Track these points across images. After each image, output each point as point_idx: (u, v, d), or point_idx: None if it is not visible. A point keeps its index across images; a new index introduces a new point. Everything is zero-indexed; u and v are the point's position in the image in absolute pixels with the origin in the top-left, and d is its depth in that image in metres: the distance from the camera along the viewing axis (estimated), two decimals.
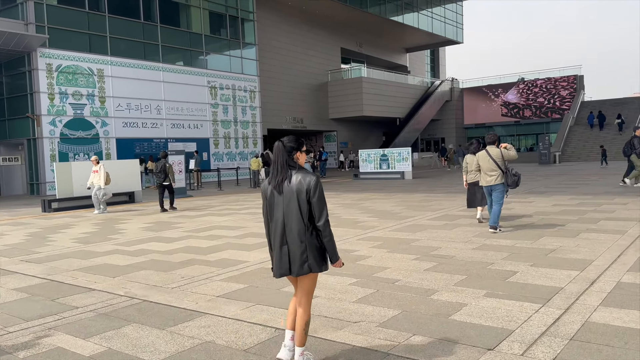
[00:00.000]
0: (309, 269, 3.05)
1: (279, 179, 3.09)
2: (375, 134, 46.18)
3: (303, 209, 3.02)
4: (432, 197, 13.81)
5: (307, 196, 3.02)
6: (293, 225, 3.04)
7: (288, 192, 3.06)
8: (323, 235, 3.05)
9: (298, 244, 3.04)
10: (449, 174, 25.58)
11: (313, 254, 3.05)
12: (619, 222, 8.31)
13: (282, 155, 3.10)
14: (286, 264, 3.08)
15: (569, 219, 8.81)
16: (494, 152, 7.94)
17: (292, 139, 3.17)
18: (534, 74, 45.94)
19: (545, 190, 14.50)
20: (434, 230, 8.31)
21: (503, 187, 7.93)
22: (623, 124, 35.65)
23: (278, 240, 3.10)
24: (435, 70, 57.38)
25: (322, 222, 3.03)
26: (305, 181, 3.03)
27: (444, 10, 47.41)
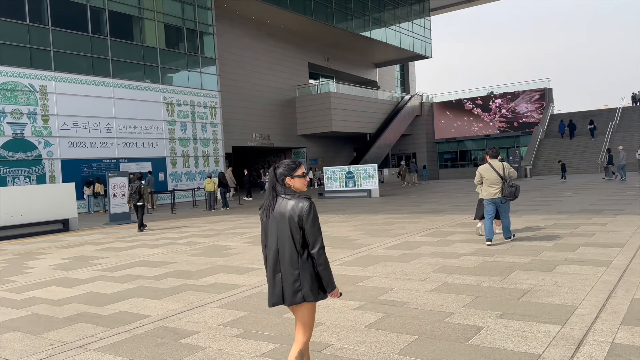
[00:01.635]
0: (303, 298, 2.95)
1: (265, 204, 3.06)
2: (346, 150, 45.26)
3: (295, 235, 2.93)
4: (395, 219, 12.64)
5: (299, 222, 2.92)
6: (286, 252, 2.96)
7: (280, 218, 2.98)
8: (317, 263, 2.93)
9: (291, 272, 2.94)
10: (418, 191, 24.57)
11: (308, 283, 2.94)
12: (600, 249, 7.23)
13: (271, 181, 3.06)
14: (279, 292, 2.98)
15: (543, 246, 7.69)
16: (497, 165, 8.09)
17: (283, 164, 3.09)
18: (503, 87, 45.88)
19: (516, 208, 13.48)
20: (389, 263, 7.08)
21: (504, 199, 8.06)
22: (595, 130, 35.92)
23: (271, 268, 3.02)
24: (405, 85, 57.05)
25: (317, 250, 2.92)
26: (298, 207, 2.94)
27: (412, 25, 47.13)
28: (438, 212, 13.63)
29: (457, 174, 45.54)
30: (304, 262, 2.94)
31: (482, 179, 8.23)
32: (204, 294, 5.96)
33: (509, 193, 7.95)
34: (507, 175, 8.01)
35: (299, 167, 3.09)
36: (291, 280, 2.94)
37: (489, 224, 8.14)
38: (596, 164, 32.14)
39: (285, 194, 3.01)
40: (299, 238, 2.93)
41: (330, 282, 2.98)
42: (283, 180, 3.03)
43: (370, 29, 42.16)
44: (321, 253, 2.92)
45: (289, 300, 2.96)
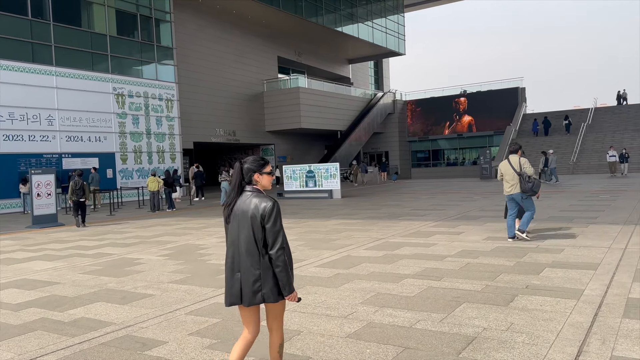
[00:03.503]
0: (262, 298, 2.88)
1: (230, 201, 2.98)
2: (316, 148, 43.94)
3: (257, 235, 2.88)
4: (347, 225, 11.30)
5: (262, 221, 2.87)
6: (246, 251, 2.89)
7: (242, 216, 2.92)
8: (275, 264, 2.86)
9: (251, 272, 2.88)
10: (383, 191, 23.36)
11: (269, 284, 2.88)
12: (569, 271, 5.99)
13: (236, 177, 2.98)
14: (237, 292, 2.93)
15: (502, 266, 6.43)
16: (514, 161, 8.01)
17: (252, 159, 3.02)
18: (476, 86, 45.14)
19: (480, 214, 12.30)
20: (314, 289, 5.72)
21: (523, 195, 7.96)
22: (570, 125, 35.75)
23: (230, 266, 2.97)
24: (379, 82, 55.95)
25: (275, 250, 2.85)
26: (261, 206, 2.88)
27: (385, 21, 45.98)
28: (395, 218, 12.35)
29: (430, 173, 44.65)
30: (265, 262, 2.87)
31: (502, 175, 8.20)
32: (54, 336, 4.50)
33: (525, 188, 7.88)
34: (523, 171, 7.90)
35: (268, 164, 3.02)
36: (251, 280, 2.87)
37: (511, 221, 8.19)
38: (568, 164, 31.47)
39: (250, 191, 2.94)
40: (261, 238, 2.87)
41: (288, 285, 2.89)
42: (250, 176, 2.97)
43: (342, 24, 40.85)
44: (280, 254, 2.85)
45: (248, 300, 2.90)
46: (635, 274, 5.63)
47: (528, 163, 8.04)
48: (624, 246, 7.26)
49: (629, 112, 37.15)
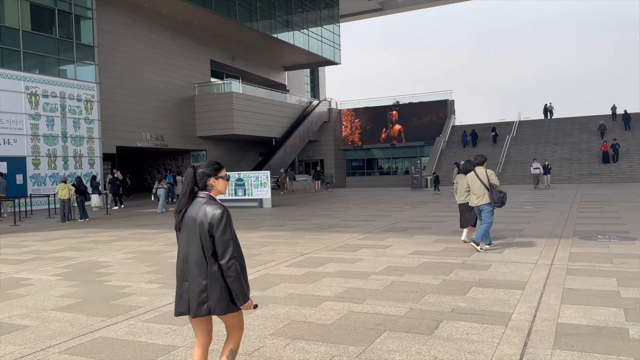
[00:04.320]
0: (208, 310, 2.78)
1: (180, 208, 2.87)
2: (251, 154, 43.02)
3: (205, 243, 2.77)
4: (272, 238, 10.67)
5: (210, 230, 2.76)
6: (194, 260, 2.79)
7: (191, 224, 2.82)
8: (227, 275, 2.75)
9: (198, 282, 2.78)
10: (316, 200, 22.93)
11: (217, 295, 2.77)
12: (496, 291, 5.67)
13: (189, 182, 2.87)
14: (185, 302, 2.83)
15: (427, 285, 6.04)
16: (481, 173, 8.16)
17: (206, 163, 2.91)
18: (409, 97, 46.06)
19: (408, 225, 12.06)
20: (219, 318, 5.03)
21: (490, 206, 8.14)
22: (497, 137, 37.27)
23: (179, 275, 2.88)
24: (315, 91, 55.88)
25: (226, 260, 2.75)
26: (210, 213, 2.77)
27: (321, 30, 45.94)
28: (324, 229, 11.86)
29: (364, 182, 44.91)
30: (213, 273, 2.77)
31: (468, 187, 8.35)
32: None
33: (497, 199, 8.03)
34: (492, 183, 8.08)
35: (223, 168, 2.93)
36: (197, 290, 2.77)
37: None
38: None
39: (202, 198, 2.84)
40: (209, 247, 2.77)
41: (242, 294, 2.79)
42: (205, 181, 2.87)
43: (278, 30, 40.31)
44: (231, 264, 2.75)
45: (194, 311, 2.80)
46: (563, 294, 5.39)
47: (494, 175, 8.24)
48: (550, 262, 7.11)
49: (550, 125, 39.08)
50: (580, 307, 4.87)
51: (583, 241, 8.77)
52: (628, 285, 5.61)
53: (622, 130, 35.50)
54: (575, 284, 5.77)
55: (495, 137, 37.50)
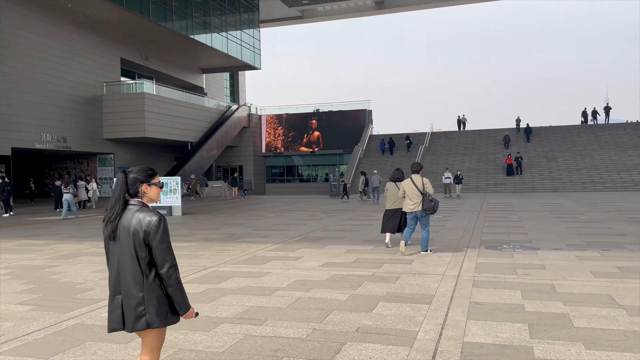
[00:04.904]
0: (147, 324, 2.63)
1: (111, 215, 2.71)
2: (164, 159, 41.16)
3: (140, 253, 2.63)
4: (176, 250, 9.84)
5: (145, 238, 2.62)
6: (128, 272, 2.65)
7: (124, 233, 2.67)
8: (167, 284, 2.64)
9: (134, 295, 2.63)
10: (231, 208, 22.16)
11: (155, 307, 2.62)
12: (403, 306, 5.43)
13: (120, 188, 2.71)
14: (119, 317, 2.67)
15: (334, 301, 5.69)
16: (418, 180, 8.53)
17: (139, 169, 2.78)
18: (328, 105, 46.44)
19: (322, 235, 11.77)
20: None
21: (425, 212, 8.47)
22: (411, 144, 38.99)
23: (112, 289, 2.72)
24: (235, 95, 54.80)
25: (166, 270, 2.63)
26: (145, 221, 2.64)
27: (241, 34, 45.09)
28: (234, 240, 11.26)
29: (284, 189, 44.50)
30: (150, 284, 2.64)
31: (404, 193, 8.62)
32: None
33: (428, 207, 8.39)
34: (425, 191, 8.41)
35: (156, 175, 2.81)
36: (134, 303, 2.63)
37: (408, 233, 8.70)
38: None
39: (134, 205, 2.70)
40: (145, 256, 2.64)
41: (184, 302, 2.70)
42: (137, 187, 2.73)
43: (195, 32, 38.97)
44: (172, 273, 2.64)
45: (130, 326, 2.66)
46: (469, 308, 5.25)
47: (429, 183, 8.60)
48: (457, 273, 7.04)
49: (459, 137, 40.95)
50: (486, 324, 4.72)
51: (489, 251, 8.90)
52: (532, 298, 5.59)
53: (525, 142, 37.95)
54: (481, 297, 5.68)
55: (409, 145, 39.08)
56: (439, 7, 49.31)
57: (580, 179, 31.52)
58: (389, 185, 9.52)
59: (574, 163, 33.52)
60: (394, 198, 9.22)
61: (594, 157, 33.76)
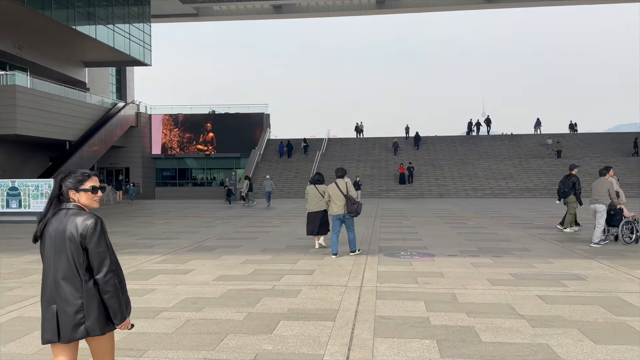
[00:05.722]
0: (86, 332, 2.53)
1: (44, 219, 2.62)
2: (38, 159, 37.33)
3: (77, 258, 2.54)
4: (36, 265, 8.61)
5: (82, 242, 2.54)
6: (64, 278, 2.53)
7: (58, 237, 2.57)
8: (103, 290, 2.53)
9: (72, 302, 2.51)
10: (114, 214, 20.39)
11: (95, 314, 2.53)
12: (307, 324, 4.97)
13: (53, 191, 2.65)
14: (53, 327, 2.54)
15: (229, 322, 5.07)
16: (341, 184, 8.77)
17: (69, 174, 2.66)
18: (225, 107, 45.22)
19: (217, 243, 11.02)
20: None
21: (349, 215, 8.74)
22: (308, 147, 39.86)
23: (46, 298, 2.57)
24: (122, 92, 51.33)
25: (102, 275, 2.53)
26: (81, 225, 2.55)
27: (129, 27, 42.31)
28: (115, 250, 10.10)
29: (175, 193, 42.43)
30: (88, 290, 2.54)
31: (329, 197, 8.91)
32: None
33: (352, 210, 8.70)
34: (348, 194, 8.69)
35: (89, 179, 2.68)
36: (71, 311, 2.51)
37: (335, 239, 8.89)
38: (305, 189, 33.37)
39: (69, 209, 2.62)
40: (82, 261, 2.54)
41: (120, 311, 2.59)
42: (67, 192, 2.65)
43: (77, 22, 35.78)
44: (108, 278, 2.55)
45: (68, 336, 2.53)
46: (375, 324, 4.92)
47: (353, 187, 8.94)
48: (360, 283, 6.76)
49: (354, 143, 41.92)
50: (393, 341, 4.41)
51: (388, 258, 8.79)
52: (435, 309, 5.42)
53: (413, 149, 39.81)
54: (385, 310, 5.40)
55: (306, 148, 39.72)
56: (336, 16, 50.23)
57: (463, 186, 33.64)
58: (309, 188, 9.80)
59: (457, 171, 35.71)
60: (315, 200, 9.55)
61: (475, 165, 36.24)
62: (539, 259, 8.53)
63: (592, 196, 10.11)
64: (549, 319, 5.02)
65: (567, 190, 12.27)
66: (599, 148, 37.85)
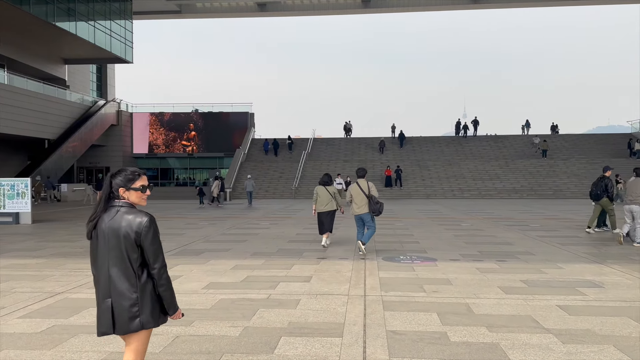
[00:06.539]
0: (141, 325, 2.66)
1: (95, 215, 2.71)
2: (16, 158, 36.23)
3: (132, 254, 2.64)
4: (16, 269, 7.91)
5: (137, 239, 2.64)
6: (120, 274, 2.64)
7: (112, 235, 2.65)
8: (159, 283, 2.68)
9: (127, 296, 2.63)
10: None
11: (149, 307, 2.66)
12: (312, 341, 4.44)
13: (105, 189, 2.75)
14: (109, 320, 2.65)
15: (224, 338, 4.51)
16: (363, 184, 8.96)
17: (122, 172, 2.76)
18: (208, 106, 44.41)
19: (204, 246, 10.41)
20: None
21: (370, 214, 8.94)
22: (292, 144, 39.72)
23: (102, 292, 2.68)
24: (103, 90, 50.15)
25: (157, 270, 2.67)
26: (135, 222, 2.65)
27: (110, 24, 41.23)
28: None
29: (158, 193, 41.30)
30: (143, 285, 2.66)
31: (351, 197, 9.01)
32: None
33: (374, 209, 8.81)
34: (371, 194, 8.79)
35: (139, 178, 2.77)
36: (127, 305, 2.63)
37: (360, 234, 9.15)
38: (291, 189, 32.78)
39: (121, 206, 2.70)
40: (136, 257, 2.65)
41: (173, 303, 2.75)
42: (118, 191, 2.73)
43: (56, 17, 34.68)
44: (163, 272, 2.68)
45: (124, 328, 2.65)
46: (388, 340, 4.41)
47: (375, 187, 9.00)
48: (363, 292, 6.25)
49: (340, 143, 41.42)
50: None
51: (388, 263, 8.30)
52: (451, 322, 4.93)
53: (398, 147, 39.53)
54: (397, 324, 4.89)
55: (290, 145, 39.51)
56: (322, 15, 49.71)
57: (450, 186, 33.39)
58: (318, 189, 10.05)
59: (443, 171, 35.47)
60: (326, 201, 9.90)
61: (461, 166, 36.05)
62: (546, 263, 8.12)
63: (626, 196, 10.03)
64: (578, 333, 4.57)
65: (600, 192, 12.09)
66: (583, 149, 38.00)
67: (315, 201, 10.03)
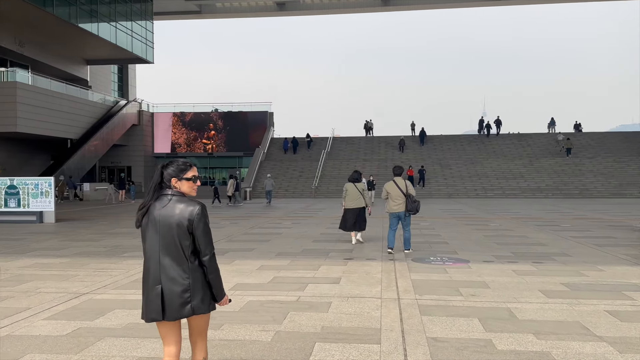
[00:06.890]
0: (192, 310, 2.70)
1: (146, 203, 2.78)
2: (40, 157, 36.70)
3: (184, 242, 2.70)
4: (40, 269, 7.84)
5: (189, 227, 2.70)
6: (171, 260, 2.69)
7: (164, 222, 2.71)
8: (209, 270, 2.74)
9: (180, 282, 2.68)
10: (117, 214, 19.64)
11: (200, 293, 2.72)
12: (349, 348, 4.20)
13: (155, 178, 2.82)
14: (158, 306, 2.68)
15: (254, 344, 4.29)
16: (401, 182, 8.85)
17: (174, 163, 2.84)
18: (228, 106, 44.49)
19: (227, 246, 10.25)
20: None
21: (407, 213, 8.84)
22: (312, 142, 39.73)
23: (152, 278, 2.72)
24: (124, 90, 50.60)
25: (208, 257, 2.73)
26: (187, 210, 2.71)
27: (131, 24, 41.54)
28: (119, 254, 9.36)
29: None
30: (194, 271, 2.71)
31: (388, 194, 8.92)
32: None
33: (412, 207, 8.74)
34: (408, 192, 8.74)
35: (190, 169, 2.84)
36: (179, 290, 2.68)
37: (392, 236, 8.98)
38: (310, 189, 32.58)
39: (172, 195, 2.77)
40: (188, 245, 2.71)
41: (221, 290, 2.81)
42: (170, 181, 2.79)
43: (79, 19, 35.04)
44: (212, 260, 2.75)
45: (175, 314, 2.69)
46: (430, 348, 4.15)
47: (412, 185, 8.95)
48: (396, 295, 5.99)
49: (360, 142, 41.08)
50: None
51: (418, 264, 8.02)
52: (495, 329, 4.65)
53: (419, 146, 39.04)
54: (437, 330, 4.63)
55: (309, 143, 39.52)
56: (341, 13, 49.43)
57: (473, 186, 32.83)
58: (348, 186, 10.12)
59: (466, 171, 34.90)
60: (354, 197, 9.97)
61: (484, 165, 35.43)
62: (585, 265, 7.75)
63: None
64: (635, 341, 4.25)
65: None
66: (610, 148, 36.99)
67: (345, 197, 10.15)
